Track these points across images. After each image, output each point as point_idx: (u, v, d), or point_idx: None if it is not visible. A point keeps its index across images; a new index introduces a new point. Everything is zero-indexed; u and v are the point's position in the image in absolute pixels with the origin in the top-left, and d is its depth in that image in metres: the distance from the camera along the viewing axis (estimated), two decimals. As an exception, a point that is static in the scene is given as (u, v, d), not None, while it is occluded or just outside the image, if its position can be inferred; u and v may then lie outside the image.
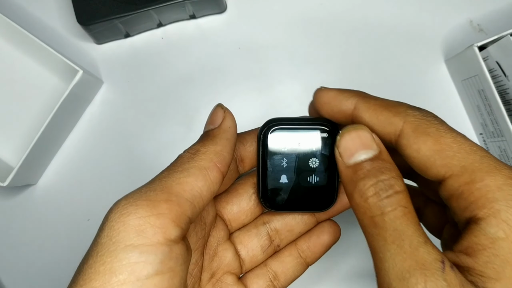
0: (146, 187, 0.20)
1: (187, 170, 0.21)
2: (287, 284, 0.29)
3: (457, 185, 0.19)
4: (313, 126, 0.26)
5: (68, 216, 0.43)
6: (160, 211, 0.19)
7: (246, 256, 0.28)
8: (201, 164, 0.21)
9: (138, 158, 0.44)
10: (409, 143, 0.21)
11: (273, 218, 0.29)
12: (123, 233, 0.18)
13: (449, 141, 0.20)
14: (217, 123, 0.24)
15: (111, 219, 0.19)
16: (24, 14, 0.45)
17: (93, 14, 0.40)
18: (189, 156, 0.22)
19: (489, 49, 0.39)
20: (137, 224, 0.18)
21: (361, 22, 0.44)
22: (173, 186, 0.20)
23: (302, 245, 0.29)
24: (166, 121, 0.44)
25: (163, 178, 0.20)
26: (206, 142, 0.23)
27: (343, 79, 0.44)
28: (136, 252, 0.18)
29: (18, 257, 0.43)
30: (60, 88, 0.44)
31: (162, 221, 0.19)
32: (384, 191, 0.19)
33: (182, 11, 0.42)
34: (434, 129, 0.20)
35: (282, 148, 0.26)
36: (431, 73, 0.44)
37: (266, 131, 0.26)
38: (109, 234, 0.18)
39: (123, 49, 0.45)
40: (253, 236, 0.28)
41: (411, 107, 0.22)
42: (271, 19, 0.44)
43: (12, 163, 0.43)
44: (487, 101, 0.39)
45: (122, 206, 0.19)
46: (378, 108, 0.22)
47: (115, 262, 0.18)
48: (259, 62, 0.44)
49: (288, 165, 0.26)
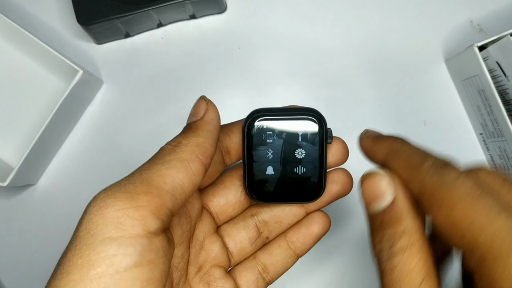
0: (126, 180, 0.20)
1: (168, 162, 0.21)
2: (277, 276, 0.29)
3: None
4: (299, 116, 0.26)
5: (68, 216, 0.43)
6: (139, 203, 0.19)
7: (234, 249, 0.28)
8: (182, 156, 0.21)
9: (138, 158, 0.43)
10: (427, 210, 0.19)
11: (261, 210, 0.29)
12: (101, 225, 0.18)
13: (463, 213, 0.17)
14: (199, 115, 0.24)
15: (89, 212, 0.19)
16: (24, 14, 0.45)
17: (93, 14, 0.40)
18: (170, 148, 0.22)
19: (489, 49, 0.39)
20: (115, 217, 0.18)
21: (361, 21, 0.44)
22: (153, 178, 0.20)
23: (291, 236, 0.28)
24: (166, 121, 0.44)
25: (143, 170, 0.21)
26: (188, 134, 0.22)
27: (343, 79, 0.44)
28: (114, 245, 0.18)
29: (18, 257, 0.43)
30: (60, 88, 0.44)
31: (141, 213, 0.19)
32: (386, 249, 0.18)
33: (182, 11, 0.42)
34: (450, 195, 0.18)
35: (267, 139, 0.26)
36: (431, 73, 0.44)
37: (251, 122, 0.26)
38: (87, 227, 0.18)
39: (123, 49, 0.45)
40: (241, 229, 0.28)
41: (434, 166, 0.19)
42: (271, 19, 0.44)
43: (12, 163, 0.43)
44: (487, 101, 0.39)
45: (101, 199, 0.19)
46: (400, 169, 0.21)
47: (93, 255, 0.18)
48: (259, 62, 0.44)
49: (274, 156, 0.26)
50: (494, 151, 0.41)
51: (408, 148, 0.21)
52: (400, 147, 0.21)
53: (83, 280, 0.17)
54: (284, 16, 0.44)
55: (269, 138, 0.26)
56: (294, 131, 0.26)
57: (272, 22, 0.44)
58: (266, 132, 0.26)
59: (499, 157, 0.41)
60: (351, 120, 0.43)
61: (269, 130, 0.26)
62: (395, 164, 0.21)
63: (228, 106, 0.44)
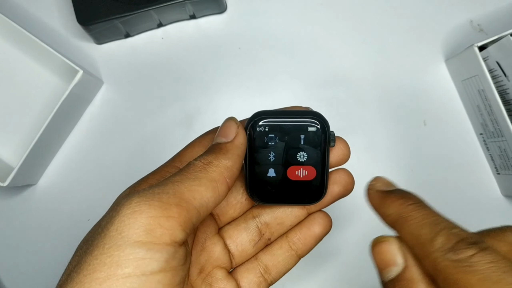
0: (159, 189, 0.20)
1: (199, 179, 0.21)
2: (279, 277, 0.29)
3: None
4: (301, 119, 0.26)
5: (68, 216, 0.43)
6: (170, 214, 0.19)
7: (235, 251, 0.28)
8: (212, 175, 0.22)
9: (138, 158, 0.44)
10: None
11: (262, 211, 0.29)
12: (133, 229, 0.19)
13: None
14: (229, 137, 0.24)
15: (122, 214, 0.19)
16: (24, 14, 0.45)
17: (93, 14, 0.40)
18: (201, 165, 0.22)
19: (489, 49, 0.39)
20: (147, 223, 0.19)
21: (361, 21, 0.44)
22: (185, 192, 0.21)
23: (293, 237, 0.29)
24: (166, 121, 0.44)
25: (175, 182, 0.21)
26: (219, 155, 0.23)
27: (344, 79, 0.44)
28: (143, 249, 0.19)
29: (18, 257, 0.43)
30: (60, 88, 0.44)
31: (171, 224, 0.19)
32: None
33: (182, 11, 0.42)
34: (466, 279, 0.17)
35: (269, 141, 0.26)
36: (432, 73, 0.44)
37: (253, 124, 0.26)
38: (118, 228, 0.19)
39: (123, 49, 0.45)
40: (242, 230, 0.28)
41: (446, 244, 0.18)
42: (271, 19, 0.44)
43: (12, 163, 0.43)
44: (487, 101, 0.39)
45: (136, 203, 0.19)
46: (410, 242, 0.20)
47: (122, 256, 0.18)
48: (259, 62, 0.44)
49: (276, 159, 0.26)
50: (494, 151, 0.41)
51: (419, 215, 0.20)
52: (410, 213, 0.20)
53: (110, 278, 0.18)
54: (284, 16, 0.44)
55: (271, 140, 0.26)
56: (297, 134, 0.26)
57: (272, 22, 0.44)
58: (268, 134, 0.26)
59: (499, 157, 0.41)
60: (352, 120, 0.43)
61: (271, 132, 0.26)
62: (405, 235, 0.20)
63: (228, 106, 0.44)
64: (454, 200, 0.42)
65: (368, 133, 0.43)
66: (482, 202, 0.42)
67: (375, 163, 0.43)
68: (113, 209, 0.20)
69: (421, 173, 0.43)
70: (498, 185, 0.42)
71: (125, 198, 0.20)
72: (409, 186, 0.46)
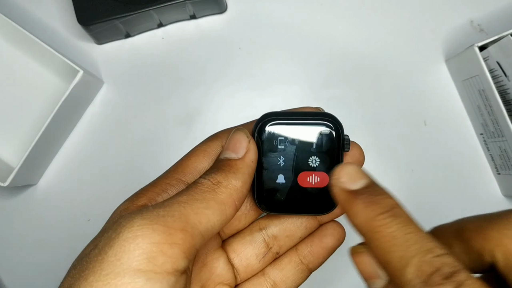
0: (164, 210, 0.19)
1: (207, 202, 0.20)
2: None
3: None
4: (314, 122, 0.24)
5: (68, 216, 0.43)
6: (174, 240, 0.18)
7: (239, 265, 0.26)
8: (220, 198, 0.21)
9: (138, 158, 0.44)
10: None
11: (270, 223, 0.27)
12: (134, 256, 0.18)
13: None
14: (239, 153, 0.22)
15: (123, 237, 0.18)
16: (24, 14, 0.45)
17: (93, 14, 0.40)
18: (210, 185, 0.21)
19: (490, 49, 0.39)
20: (149, 250, 0.18)
21: (362, 21, 0.44)
22: (191, 216, 0.19)
23: (303, 250, 0.27)
24: (166, 121, 0.44)
25: (182, 202, 0.20)
26: (228, 175, 0.21)
27: (344, 79, 0.44)
28: (143, 278, 0.17)
29: (18, 257, 0.43)
30: (61, 88, 0.44)
31: (174, 251, 0.18)
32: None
33: (182, 11, 0.42)
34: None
35: (279, 145, 0.24)
36: (432, 73, 0.44)
37: (262, 126, 0.24)
38: (118, 253, 0.18)
39: (123, 49, 0.45)
40: (247, 244, 0.26)
41: (417, 278, 0.16)
42: (272, 19, 0.44)
43: (12, 163, 0.43)
44: (488, 101, 0.39)
45: (138, 226, 0.18)
46: (381, 263, 0.18)
47: (119, 285, 0.17)
48: (259, 62, 0.44)
49: (286, 164, 0.24)
50: (495, 151, 0.41)
51: (389, 232, 0.18)
52: (379, 228, 0.18)
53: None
54: (284, 16, 0.44)
55: (281, 144, 0.24)
56: (308, 137, 0.24)
57: (272, 22, 0.44)
58: (278, 137, 0.24)
59: (499, 157, 0.41)
60: (352, 120, 0.43)
61: (281, 135, 0.24)
62: (376, 254, 0.18)
63: (228, 106, 0.44)
64: (454, 200, 0.42)
65: (368, 133, 0.43)
66: (483, 202, 0.42)
67: (376, 163, 0.43)
68: (113, 229, 0.19)
69: (422, 173, 0.43)
70: (498, 185, 0.42)
71: (127, 219, 0.19)
72: (409, 186, 0.46)
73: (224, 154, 0.23)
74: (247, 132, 0.23)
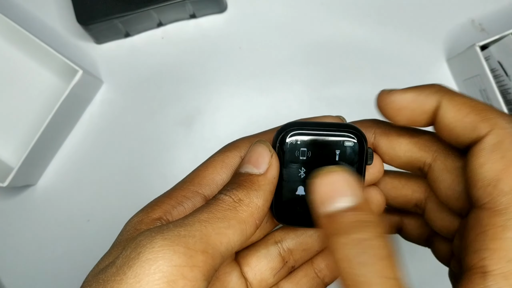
0: (186, 230, 0.19)
1: (228, 221, 0.19)
2: None
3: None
4: (337, 133, 0.23)
5: (68, 217, 0.43)
6: (195, 263, 0.18)
7: (253, 280, 0.25)
8: (242, 216, 0.20)
9: (138, 158, 0.43)
10: (482, 158, 0.19)
11: (286, 236, 0.26)
12: (154, 279, 0.17)
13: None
14: (261, 168, 0.21)
15: (143, 258, 0.17)
16: (24, 14, 0.45)
17: (93, 14, 0.40)
18: (231, 203, 0.20)
19: (491, 49, 0.38)
20: (170, 273, 0.17)
21: (362, 21, 0.44)
22: (212, 236, 0.19)
23: (319, 263, 0.26)
24: (166, 121, 0.44)
25: (203, 221, 0.19)
26: (250, 192, 0.21)
27: (344, 78, 0.44)
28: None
29: (18, 257, 0.43)
30: (60, 88, 0.44)
31: (195, 274, 0.18)
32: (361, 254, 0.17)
33: (182, 10, 0.42)
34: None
35: (300, 156, 0.23)
36: (433, 72, 0.44)
37: (284, 136, 0.23)
38: (137, 275, 0.17)
39: (123, 49, 0.44)
40: (261, 258, 0.25)
41: (502, 115, 0.19)
42: (272, 19, 0.44)
43: (12, 164, 0.43)
44: (489, 101, 0.39)
45: (159, 247, 0.18)
46: (465, 109, 0.20)
47: None
48: (259, 62, 0.44)
49: (307, 175, 0.23)
50: (496, 151, 0.41)
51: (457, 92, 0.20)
52: (450, 89, 0.20)
53: None
54: (284, 16, 0.44)
55: (303, 155, 0.23)
56: (332, 148, 0.23)
57: (272, 22, 0.44)
58: (300, 148, 0.23)
59: (501, 157, 0.40)
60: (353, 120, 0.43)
61: (303, 146, 0.23)
62: (458, 105, 0.21)
63: (228, 105, 0.44)
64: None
65: (369, 133, 0.43)
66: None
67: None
68: (131, 247, 0.18)
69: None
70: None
71: (147, 238, 0.18)
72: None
73: (244, 167, 0.22)
74: (269, 145, 0.22)
